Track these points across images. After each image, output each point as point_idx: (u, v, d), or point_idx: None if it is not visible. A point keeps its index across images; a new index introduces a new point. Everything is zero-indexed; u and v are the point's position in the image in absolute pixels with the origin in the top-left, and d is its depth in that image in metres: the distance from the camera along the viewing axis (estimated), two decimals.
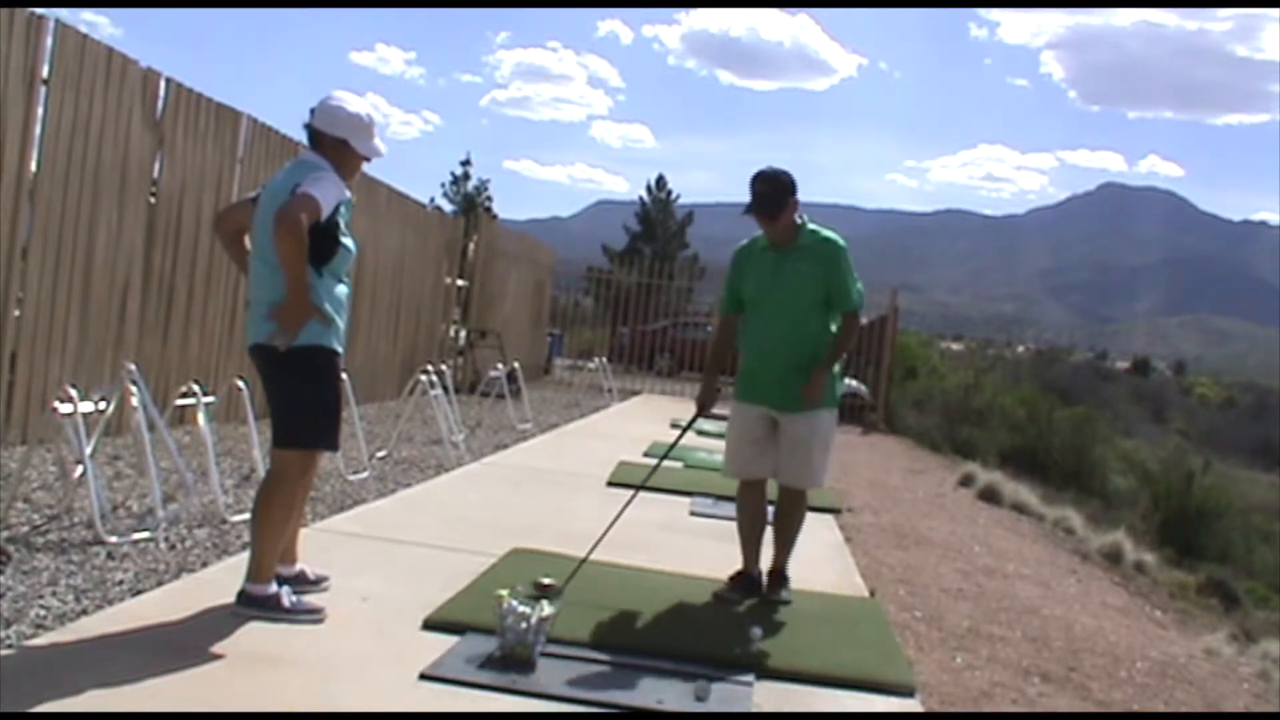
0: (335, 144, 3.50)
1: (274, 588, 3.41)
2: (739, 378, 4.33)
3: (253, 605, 3.37)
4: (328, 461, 6.65)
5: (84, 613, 3.35)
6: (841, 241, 4.21)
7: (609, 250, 36.61)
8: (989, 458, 13.00)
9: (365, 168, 3.76)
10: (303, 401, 3.43)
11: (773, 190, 4.09)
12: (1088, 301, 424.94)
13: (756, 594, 4.21)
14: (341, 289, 3.53)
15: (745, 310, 4.29)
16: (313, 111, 3.52)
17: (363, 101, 3.56)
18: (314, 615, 3.44)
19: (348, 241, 3.52)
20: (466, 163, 38.18)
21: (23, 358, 5.92)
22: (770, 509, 4.42)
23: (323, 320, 3.40)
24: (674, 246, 37.61)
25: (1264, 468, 24.28)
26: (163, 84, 6.98)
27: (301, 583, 3.67)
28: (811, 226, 4.19)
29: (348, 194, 3.51)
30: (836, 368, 4.27)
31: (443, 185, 37.39)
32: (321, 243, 3.37)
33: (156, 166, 7.03)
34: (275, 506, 3.42)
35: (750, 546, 4.30)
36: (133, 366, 4.70)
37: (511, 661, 3.16)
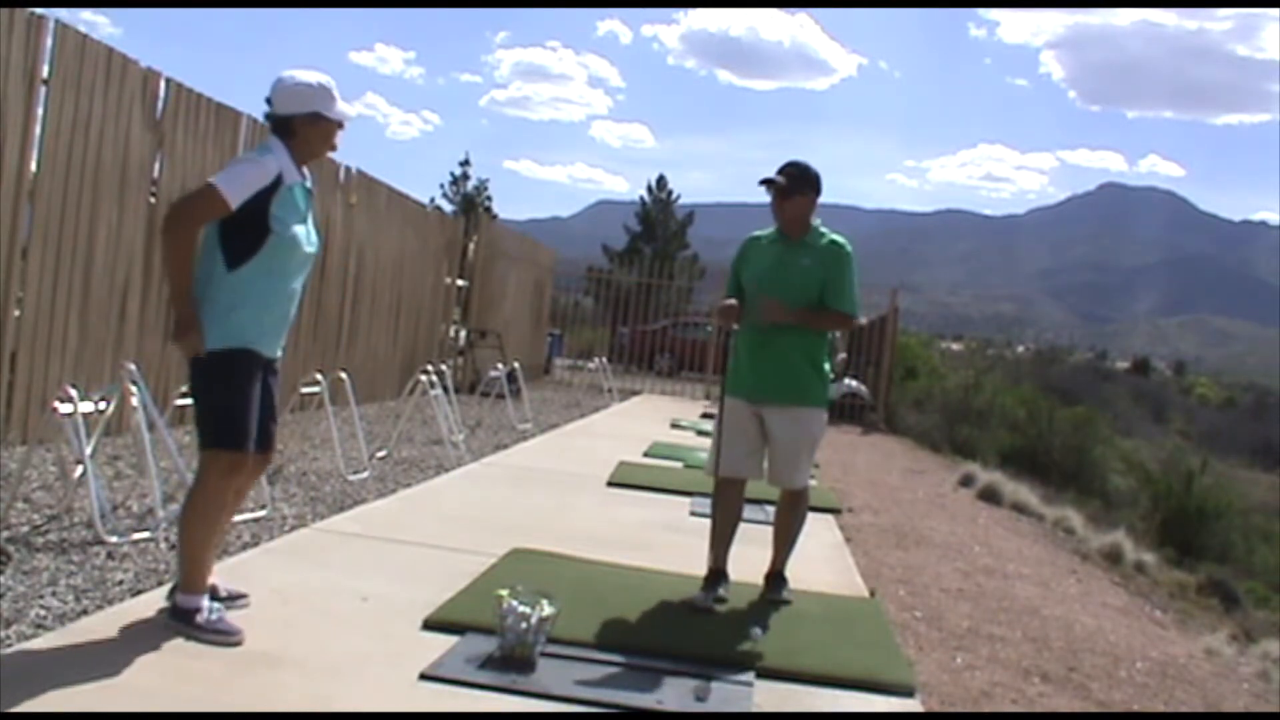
0: (307, 120, 3.25)
1: (198, 601, 3.16)
2: (731, 371, 4.33)
3: (174, 618, 3.16)
4: (328, 462, 6.65)
5: (84, 613, 3.35)
6: (849, 248, 4.27)
7: (609, 250, 36.64)
8: (989, 458, 12.99)
9: (366, 167, 3.65)
10: (205, 402, 3.21)
11: (798, 173, 4.22)
12: (1087, 301, 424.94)
13: (727, 584, 4.22)
14: (272, 284, 3.22)
15: (744, 299, 4.31)
16: (269, 100, 3.28)
17: (312, 72, 3.32)
18: (227, 637, 3.11)
19: (297, 230, 3.22)
20: (466, 163, 38.26)
21: (23, 358, 5.93)
22: (758, 508, 4.42)
23: (213, 325, 3.13)
24: (674, 246, 37.64)
25: (1264, 468, 24.29)
26: (163, 84, 6.98)
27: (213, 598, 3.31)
28: (823, 229, 4.27)
29: (293, 176, 3.22)
30: (829, 367, 4.32)
31: (442, 185, 37.46)
32: (237, 233, 3.12)
33: (156, 166, 7.04)
34: (193, 510, 3.21)
35: (723, 545, 4.29)
36: (133, 366, 4.70)
37: (511, 661, 3.16)
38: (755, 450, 4.27)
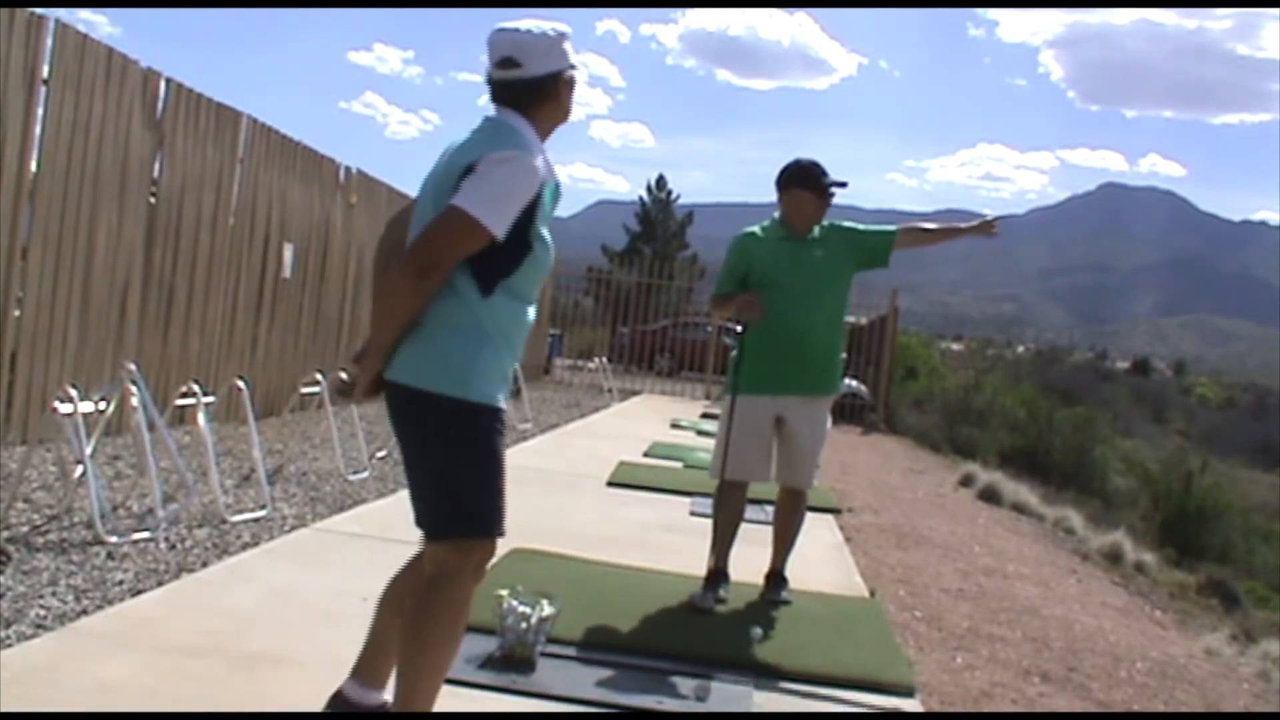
0: (569, 81, 2.42)
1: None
2: (748, 369, 4.24)
3: None
4: (328, 461, 6.65)
5: (84, 613, 3.35)
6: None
7: (609, 250, 36.62)
8: (989, 458, 13.00)
9: (366, 167, 2.99)
10: (448, 472, 2.35)
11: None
12: (1087, 301, 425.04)
13: (728, 584, 4.24)
14: (522, 312, 2.44)
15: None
16: (511, 60, 2.36)
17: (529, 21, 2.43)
18: None
19: (550, 244, 2.43)
20: None
21: (23, 358, 5.92)
22: (758, 508, 4.41)
23: (454, 365, 2.33)
24: (674, 246, 37.63)
25: (1264, 468, 24.32)
26: (163, 84, 6.98)
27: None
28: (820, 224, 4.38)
29: (552, 174, 2.40)
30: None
31: None
32: (494, 255, 2.31)
33: (156, 166, 7.03)
34: (438, 622, 2.31)
35: (724, 546, 4.29)
36: (133, 366, 4.70)
37: (511, 661, 3.16)
38: (768, 453, 4.27)
